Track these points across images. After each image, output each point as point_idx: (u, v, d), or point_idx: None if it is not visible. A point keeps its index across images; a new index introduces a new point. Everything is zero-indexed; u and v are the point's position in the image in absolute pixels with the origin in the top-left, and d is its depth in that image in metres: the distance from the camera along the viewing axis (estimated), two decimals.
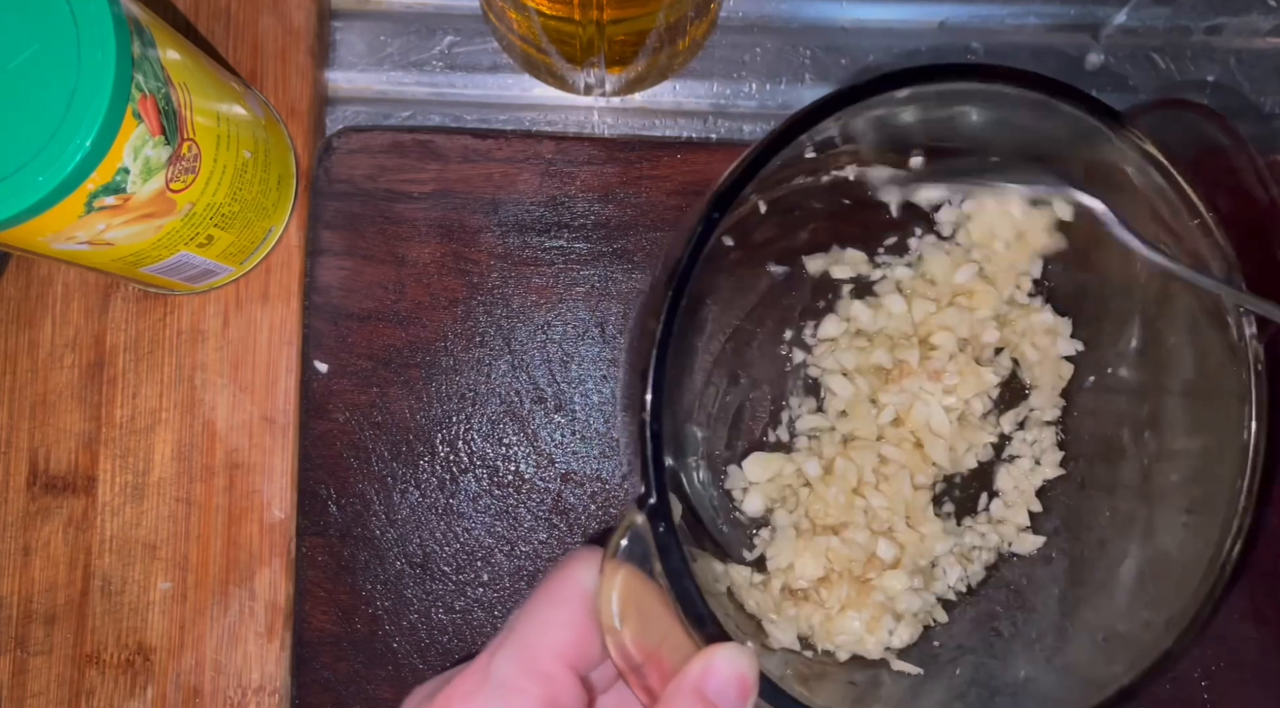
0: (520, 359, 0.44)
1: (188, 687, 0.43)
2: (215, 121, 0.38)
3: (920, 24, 0.48)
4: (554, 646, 0.27)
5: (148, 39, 0.34)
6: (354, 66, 0.48)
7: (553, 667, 0.27)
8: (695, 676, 0.27)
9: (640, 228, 0.44)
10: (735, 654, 0.27)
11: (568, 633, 0.28)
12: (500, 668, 0.27)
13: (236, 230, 0.41)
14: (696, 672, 0.27)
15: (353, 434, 0.43)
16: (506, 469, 0.44)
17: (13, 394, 0.44)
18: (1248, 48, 0.48)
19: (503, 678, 0.27)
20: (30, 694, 0.43)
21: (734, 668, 0.27)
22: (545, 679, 0.27)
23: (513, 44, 0.45)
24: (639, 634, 0.27)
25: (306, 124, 0.46)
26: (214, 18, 0.46)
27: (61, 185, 0.32)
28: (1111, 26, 0.48)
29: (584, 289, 0.44)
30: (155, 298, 0.45)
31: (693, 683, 0.27)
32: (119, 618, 0.43)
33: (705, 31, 0.46)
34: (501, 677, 0.27)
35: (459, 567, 0.43)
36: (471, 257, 0.44)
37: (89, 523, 0.44)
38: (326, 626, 0.43)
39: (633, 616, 0.27)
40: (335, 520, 0.43)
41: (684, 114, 0.48)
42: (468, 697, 0.27)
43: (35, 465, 0.44)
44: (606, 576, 0.27)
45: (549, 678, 0.27)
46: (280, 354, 0.44)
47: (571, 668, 0.27)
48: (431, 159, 0.44)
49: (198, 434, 0.44)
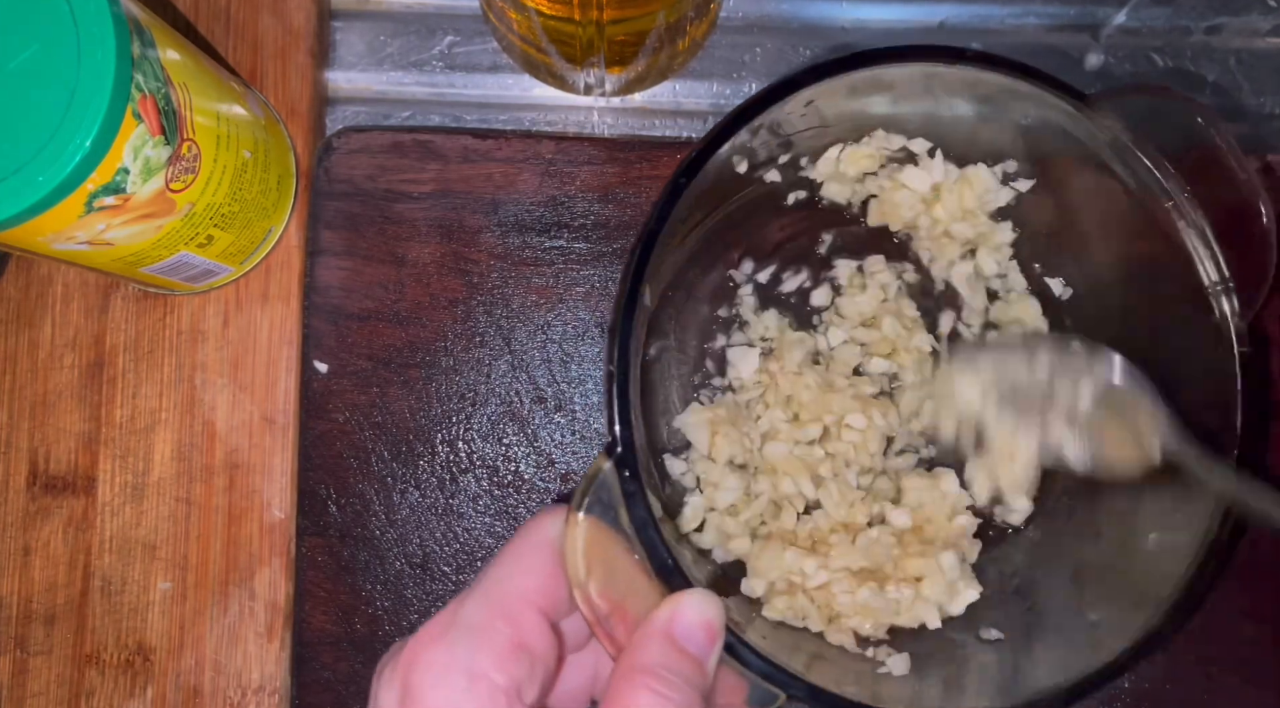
0: (520, 359, 0.44)
1: (188, 687, 0.43)
2: (215, 121, 0.38)
3: (920, 24, 0.48)
4: (522, 590, 0.27)
5: (148, 39, 0.34)
6: (354, 66, 0.48)
7: (522, 610, 0.27)
8: (663, 619, 0.27)
9: (640, 228, 0.44)
10: (703, 599, 0.27)
11: (536, 579, 0.27)
12: (469, 612, 0.27)
13: (236, 230, 0.41)
14: (664, 616, 0.27)
15: (353, 434, 0.43)
16: (506, 469, 0.44)
17: (13, 394, 0.44)
18: (1248, 48, 0.48)
19: (471, 621, 0.27)
20: (30, 694, 0.43)
21: (701, 613, 0.27)
22: (514, 621, 0.27)
23: (513, 44, 0.45)
24: (605, 585, 0.27)
25: (306, 124, 0.46)
26: (214, 18, 0.46)
27: (61, 185, 0.32)
28: (1111, 26, 0.48)
29: (584, 289, 0.44)
30: (155, 298, 0.45)
31: (661, 626, 0.27)
32: (119, 618, 0.43)
33: (705, 31, 0.46)
34: (470, 620, 0.27)
35: (459, 567, 0.43)
36: (471, 257, 0.44)
37: (89, 523, 0.44)
38: (326, 626, 0.43)
39: (598, 567, 0.27)
40: (335, 521, 0.43)
41: (684, 114, 0.48)
42: (435, 639, 0.27)
43: (35, 465, 0.44)
44: (570, 526, 0.27)
45: (518, 620, 0.27)
46: (280, 354, 0.44)
47: (540, 612, 0.27)
48: (431, 159, 0.44)
49: (198, 434, 0.44)
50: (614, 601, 0.27)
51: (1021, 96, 0.34)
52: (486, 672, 0.26)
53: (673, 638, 0.27)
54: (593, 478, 0.28)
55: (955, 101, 0.36)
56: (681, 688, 0.26)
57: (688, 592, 0.28)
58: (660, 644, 0.27)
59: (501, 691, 0.26)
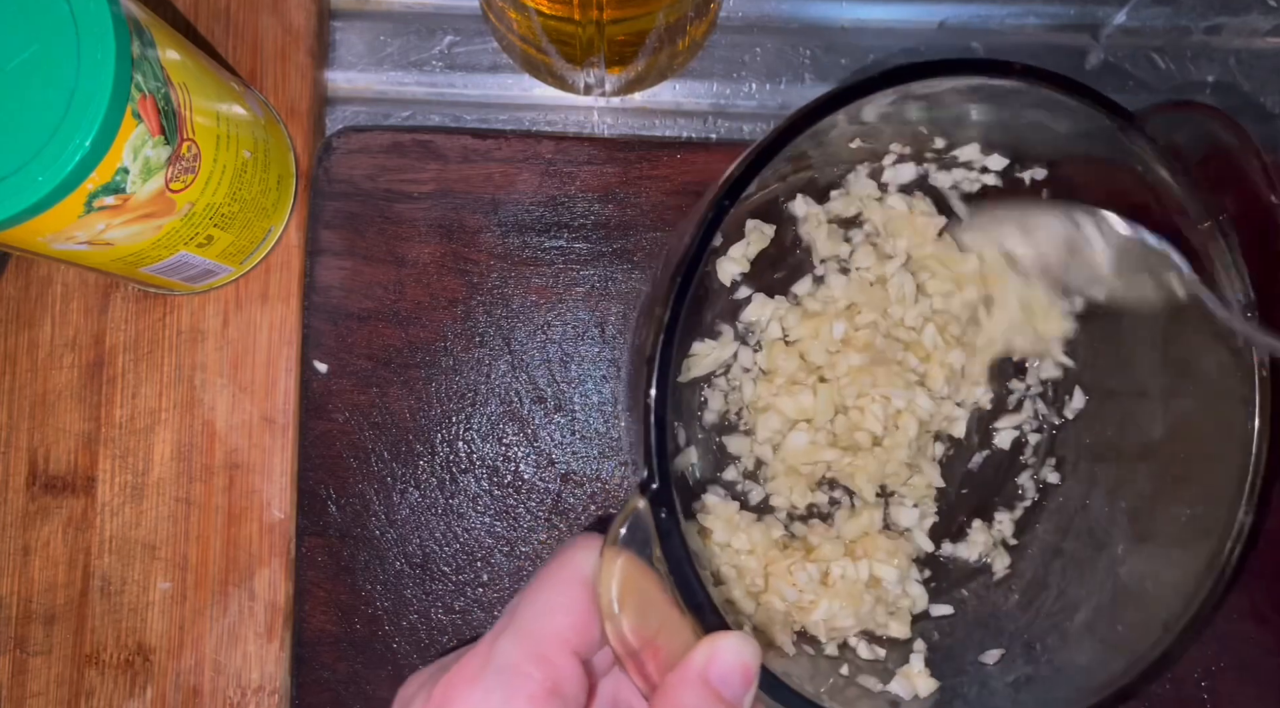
0: (520, 359, 0.44)
1: (187, 687, 0.43)
2: (215, 121, 0.38)
3: (920, 24, 0.48)
4: (556, 630, 0.27)
5: (147, 39, 0.34)
6: (354, 66, 0.48)
7: (556, 652, 0.27)
8: (699, 663, 0.27)
9: (640, 228, 0.44)
10: (739, 643, 0.27)
11: (569, 618, 0.27)
12: (503, 653, 0.27)
13: (236, 230, 0.41)
14: (701, 659, 0.27)
15: (352, 434, 0.43)
16: (506, 469, 0.44)
17: (12, 394, 0.44)
18: (1247, 48, 0.48)
19: (505, 663, 0.27)
20: (30, 694, 0.43)
21: (738, 657, 0.27)
22: (548, 664, 0.27)
23: (513, 44, 0.45)
24: (637, 621, 0.27)
25: (306, 124, 0.46)
26: (214, 18, 0.46)
27: (61, 185, 0.32)
28: (1111, 26, 0.48)
29: (584, 289, 0.44)
30: (155, 298, 0.45)
31: (697, 670, 0.27)
32: (118, 618, 0.43)
33: (705, 31, 0.46)
34: (504, 662, 0.27)
35: (459, 567, 0.43)
36: (471, 257, 0.44)
37: (88, 523, 0.44)
38: (326, 626, 0.43)
39: (631, 602, 0.27)
40: (335, 521, 0.43)
41: (684, 114, 0.48)
42: (470, 681, 0.27)
43: (35, 465, 0.44)
44: (606, 562, 0.27)
45: (552, 663, 0.27)
46: (280, 354, 0.44)
47: (574, 653, 0.27)
48: (431, 159, 0.44)
49: (197, 434, 0.44)
50: (646, 637, 0.27)
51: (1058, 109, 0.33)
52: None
53: (709, 683, 0.27)
54: (630, 514, 0.27)
55: (976, 110, 0.36)
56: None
57: (725, 635, 0.27)
58: (697, 689, 0.26)
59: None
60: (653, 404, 0.28)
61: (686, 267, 0.28)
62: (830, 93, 0.30)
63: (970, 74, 0.31)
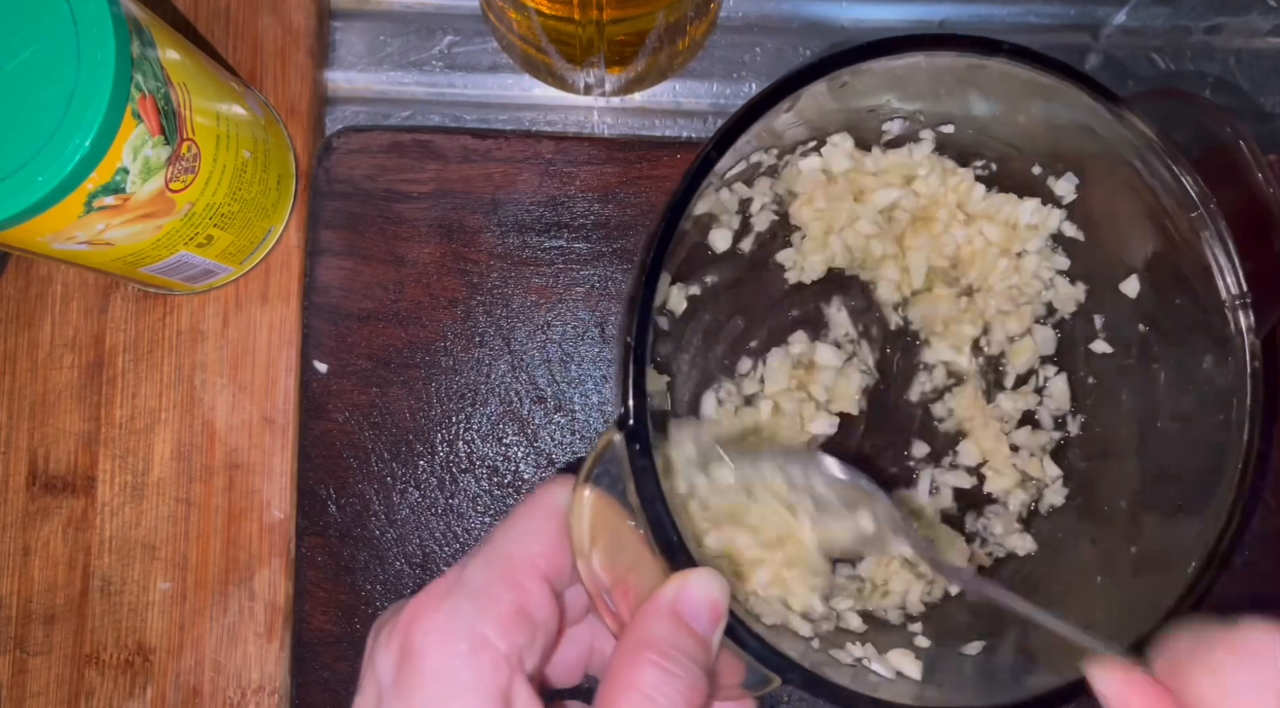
0: (520, 359, 0.44)
1: (187, 687, 0.43)
2: (215, 121, 0.38)
3: (920, 24, 0.48)
4: (528, 555, 0.27)
5: (147, 39, 0.34)
6: (354, 66, 0.48)
7: (526, 576, 0.27)
8: (669, 596, 0.27)
9: (640, 228, 0.44)
10: (709, 579, 0.27)
11: (541, 545, 0.28)
12: (473, 575, 0.27)
13: (236, 230, 0.41)
14: (670, 593, 0.27)
15: (352, 434, 0.43)
16: (506, 469, 0.44)
17: (12, 394, 0.44)
18: (1247, 48, 0.48)
19: (475, 584, 0.27)
20: (30, 694, 0.43)
21: (707, 592, 0.27)
22: (518, 587, 0.27)
23: (513, 44, 0.45)
24: (608, 559, 0.27)
25: (306, 124, 0.46)
26: (214, 18, 0.46)
27: (61, 185, 0.32)
28: (1111, 26, 0.48)
29: (584, 289, 0.44)
30: (155, 298, 0.45)
31: (667, 603, 0.27)
32: (118, 618, 0.43)
33: (705, 31, 0.46)
34: (474, 583, 0.27)
35: None
36: (471, 257, 0.44)
37: (88, 523, 0.44)
38: (326, 626, 0.43)
39: (603, 540, 0.27)
40: (335, 521, 0.43)
41: (684, 114, 0.48)
42: (439, 600, 0.26)
43: (35, 465, 0.44)
44: (578, 497, 0.27)
45: (522, 586, 0.27)
46: (280, 354, 0.44)
47: (544, 578, 0.27)
48: (431, 159, 0.44)
49: (197, 434, 0.44)
50: (617, 575, 0.27)
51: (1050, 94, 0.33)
52: (488, 637, 0.26)
53: (678, 615, 0.27)
54: (603, 450, 0.28)
55: (973, 97, 0.36)
56: (686, 665, 0.26)
57: (694, 570, 0.28)
58: (666, 621, 0.27)
59: (503, 657, 0.26)
60: (631, 342, 0.28)
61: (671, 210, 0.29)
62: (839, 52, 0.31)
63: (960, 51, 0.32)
